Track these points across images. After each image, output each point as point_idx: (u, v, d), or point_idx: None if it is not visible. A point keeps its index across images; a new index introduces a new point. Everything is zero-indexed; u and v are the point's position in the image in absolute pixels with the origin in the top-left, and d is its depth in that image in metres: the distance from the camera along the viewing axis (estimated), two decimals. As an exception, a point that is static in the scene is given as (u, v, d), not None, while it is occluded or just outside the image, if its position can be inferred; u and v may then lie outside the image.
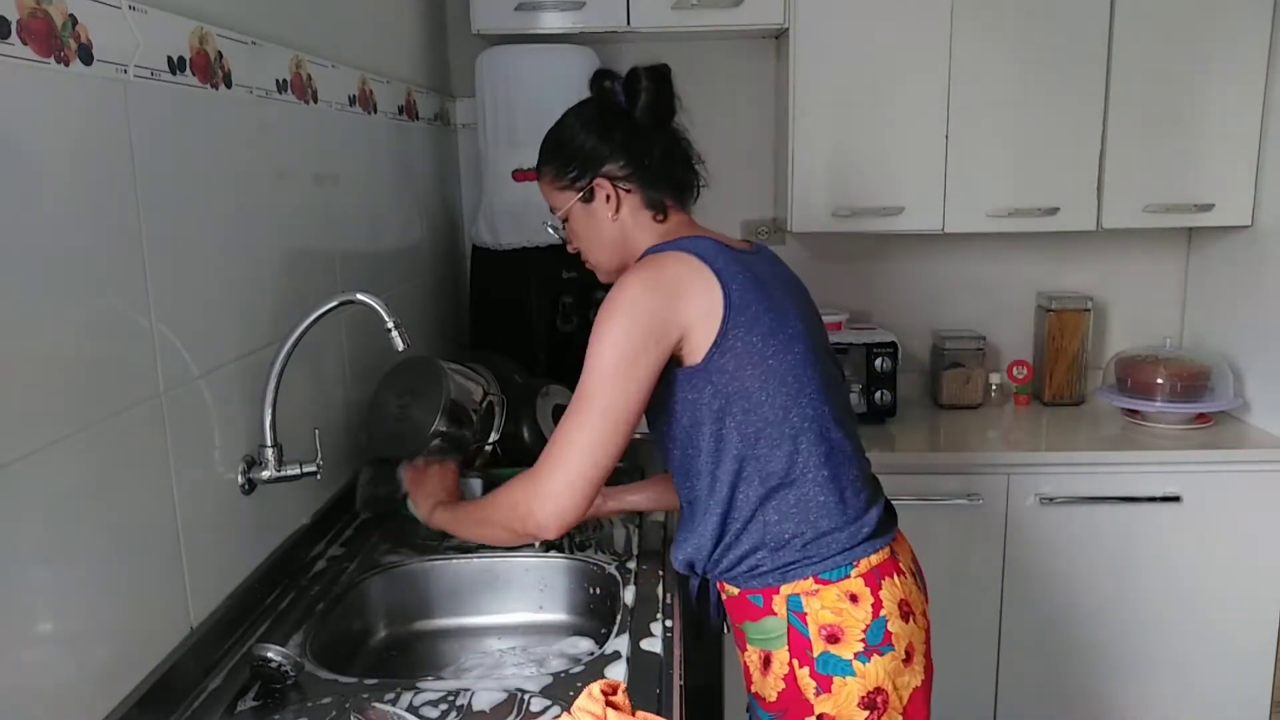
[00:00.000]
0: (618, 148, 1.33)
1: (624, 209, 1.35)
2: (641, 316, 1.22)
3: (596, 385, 1.22)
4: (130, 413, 1.05)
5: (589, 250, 1.40)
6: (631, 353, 1.21)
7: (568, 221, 1.40)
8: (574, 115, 1.39)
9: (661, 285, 1.24)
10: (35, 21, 0.91)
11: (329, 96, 1.64)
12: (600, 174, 1.34)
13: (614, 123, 1.34)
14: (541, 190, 1.42)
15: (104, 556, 1.01)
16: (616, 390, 1.21)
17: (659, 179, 1.35)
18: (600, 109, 1.37)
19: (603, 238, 1.37)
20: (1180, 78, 2.24)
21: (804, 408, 1.25)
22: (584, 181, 1.35)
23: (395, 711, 1.08)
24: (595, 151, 1.34)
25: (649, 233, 1.35)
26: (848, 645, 1.22)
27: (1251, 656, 2.26)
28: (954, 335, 2.56)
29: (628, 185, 1.34)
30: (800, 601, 1.23)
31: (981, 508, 2.20)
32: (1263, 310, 2.28)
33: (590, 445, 1.21)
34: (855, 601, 1.23)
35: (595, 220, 1.36)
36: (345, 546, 1.56)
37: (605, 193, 1.34)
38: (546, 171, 1.39)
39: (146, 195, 1.08)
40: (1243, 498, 2.19)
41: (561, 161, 1.36)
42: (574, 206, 1.37)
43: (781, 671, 1.24)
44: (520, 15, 2.24)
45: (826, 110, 2.28)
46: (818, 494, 1.25)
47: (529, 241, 2.31)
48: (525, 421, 1.70)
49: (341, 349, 1.68)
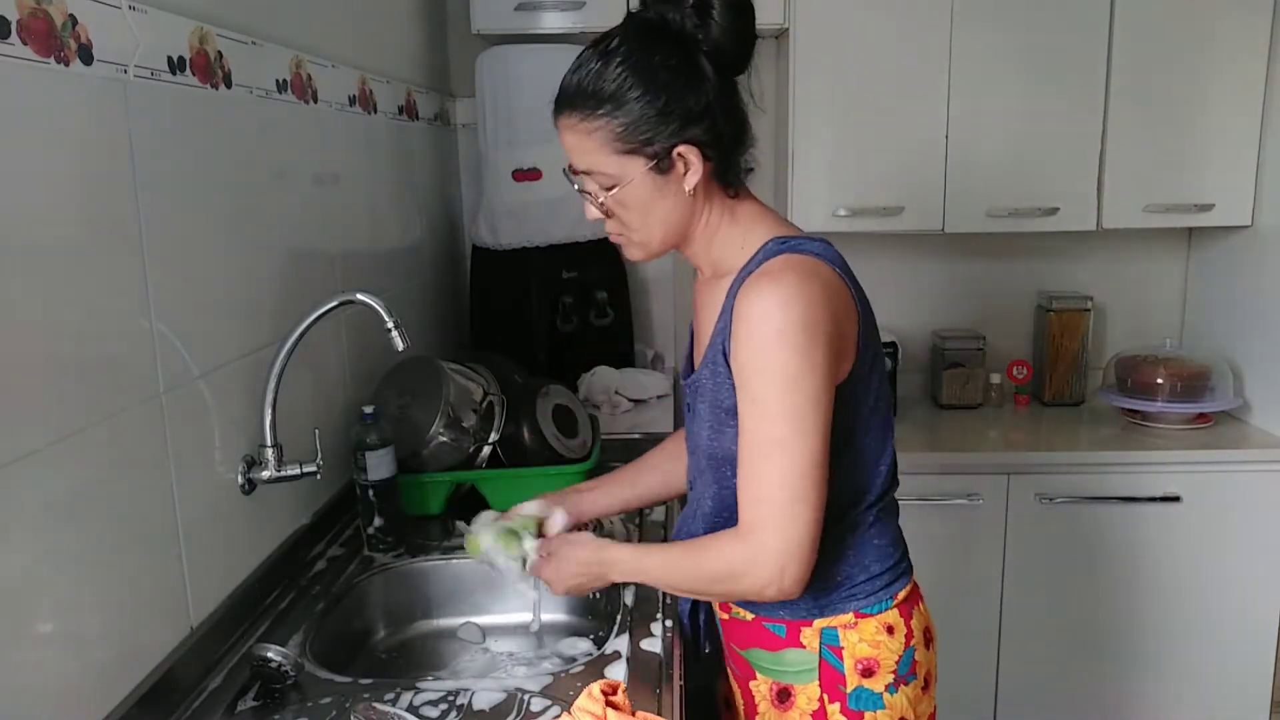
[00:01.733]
0: (705, 102, 1.06)
1: (701, 180, 1.10)
2: (818, 342, 1.02)
3: (790, 430, 1.02)
4: (130, 413, 1.05)
5: (639, 227, 1.12)
6: (818, 388, 1.02)
7: (615, 190, 1.09)
8: (639, 55, 1.05)
9: (824, 296, 1.04)
10: (35, 21, 0.91)
11: (329, 96, 1.64)
12: (685, 138, 1.06)
13: (697, 63, 1.06)
14: (574, 143, 1.09)
15: (104, 556, 1.01)
16: (810, 435, 1.03)
17: (740, 142, 1.12)
18: (673, 46, 1.05)
19: (668, 216, 1.11)
20: (1180, 78, 2.24)
21: (885, 455, 1.17)
22: (661, 145, 1.06)
23: (395, 711, 1.08)
24: (678, 108, 1.05)
25: (719, 211, 1.14)
26: (880, 678, 1.16)
27: (1251, 656, 2.26)
28: (954, 335, 2.56)
29: (711, 152, 1.09)
30: (837, 635, 1.16)
31: (981, 508, 2.20)
32: (1263, 310, 2.28)
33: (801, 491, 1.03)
34: (891, 633, 1.17)
35: (665, 195, 1.09)
36: (345, 546, 1.56)
37: (688, 163, 1.08)
38: (598, 125, 1.06)
39: (146, 195, 1.08)
40: (1243, 498, 2.19)
41: (628, 118, 1.05)
42: (640, 177, 1.07)
43: (809, 708, 1.17)
44: (520, 15, 2.24)
45: (826, 110, 2.28)
46: (874, 538, 1.18)
47: (529, 241, 2.31)
48: (525, 421, 1.70)
49: (341, 349, 1.68)
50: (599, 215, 1.15)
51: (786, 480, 1.03)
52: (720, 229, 1.15)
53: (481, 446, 1.70)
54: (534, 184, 2.28)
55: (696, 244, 1.17)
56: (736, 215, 1.16)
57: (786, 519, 1.03)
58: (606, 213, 1.14)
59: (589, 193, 1.13)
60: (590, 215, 1.16)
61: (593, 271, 2.42)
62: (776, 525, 1.04)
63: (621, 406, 2.30)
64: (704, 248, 1.17)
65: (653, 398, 2.36)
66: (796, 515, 1.03)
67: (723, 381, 1.12)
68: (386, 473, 1.51)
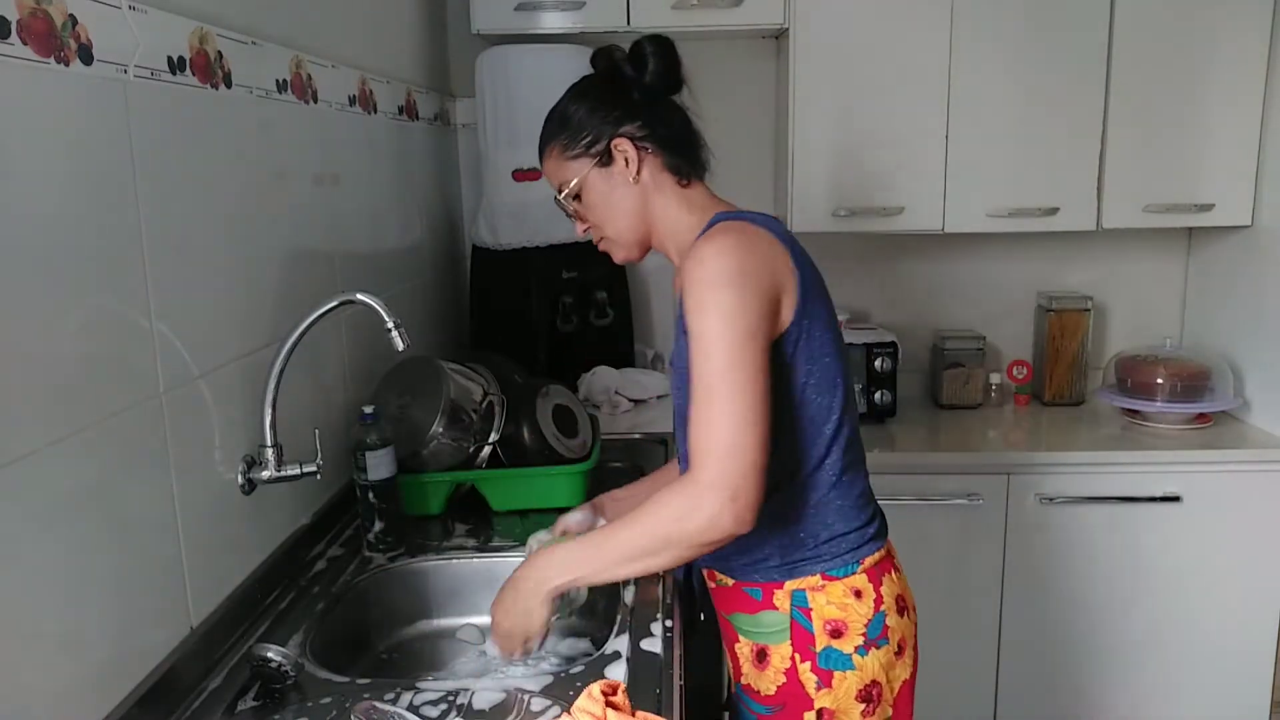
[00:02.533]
0: (635, 108, 1.25)
1: (645, 170, 1.25)
2: (751, 283, 1.11)
3: (726, 363, 1.08)
4: (130, 413, 1.05)
5: (607, 222, 1.29)
6: (752, 325, 1.10)
7: (580, 196, 1.28)
8: (579, 90, 1.30)
9: (758, 247, 1.15)
10: (35, 21, 0.91)
11: (329, 96, 1.64)
12: (619, 133, 1.25)
13: (626, 88, 1.26)
14: (548, 171, 1.31)
15: (104, 557, 1.01)
16: (748, 366, 1.08)
17: (678, 143, 1.27)
18: (608, 79, 1.29)
19: (624, 205, 1.27)
20: (1180, 78, 2.24)
21: (838, 413, 1.23)
22: (601, 144, 1.25)
23: (395, 711, 1.08)
24: (610, 114, 1.25)
25: (673, 199, 1.27)
26: (849, 640, 1.22)
27: (1251, 656, 2.26)
28: (954, 335, 2.56)
29: (647, 144, 1.25)
30: (805, 597, 1.23)
31: (981, 508, 2.20)
32: (1263, 310, 2.28)
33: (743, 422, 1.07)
34: (859, 597, 1.23)
35: (614, 186, 1.26)
36: (345, 546, 1.56)
37: (625, 154, 1.25)
38: (555, 145, 1.28)
39: (146, 195, 1.08)
40: (1243, 498, 2.19)
41: (572, 131, 1.26)
42: (590, 174, 1.26)
43: (782, 666, 1.24)
44: (520, 15, 2.24)
45: (826, 110, 2.28)
46: (835, 498, 1.24)
47: (529, 241, 2.31)
48: (525, 421, 1.70)
49: (341, 349, 1.68)
50: (583, 227, 1.32)
51: (730, 412, 1.08)
52: (678, 218, 1.27)
53: (481, 446, 1.70)
54: (534, 184, 2.28)
55: (660, 232, 1.29)
56: (692, 204, 1.28)
57: (734, 445, 1.07)
58: (581, 218, 1.31)
59: (565, 206, 1.30)
60: (577, 230, 1.33)
61: (593, 271, 2.42)
62: (725, 451, 1.07)
63: (621, 406, 2.30)
64: (668, 236, 1.29)
65: (653, 398, 2.36)
66: (742, 441, 1.07)
67: (683, 346, 1.19)
68: (386, 473, 1.51)
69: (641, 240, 1.30)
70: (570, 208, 1.30)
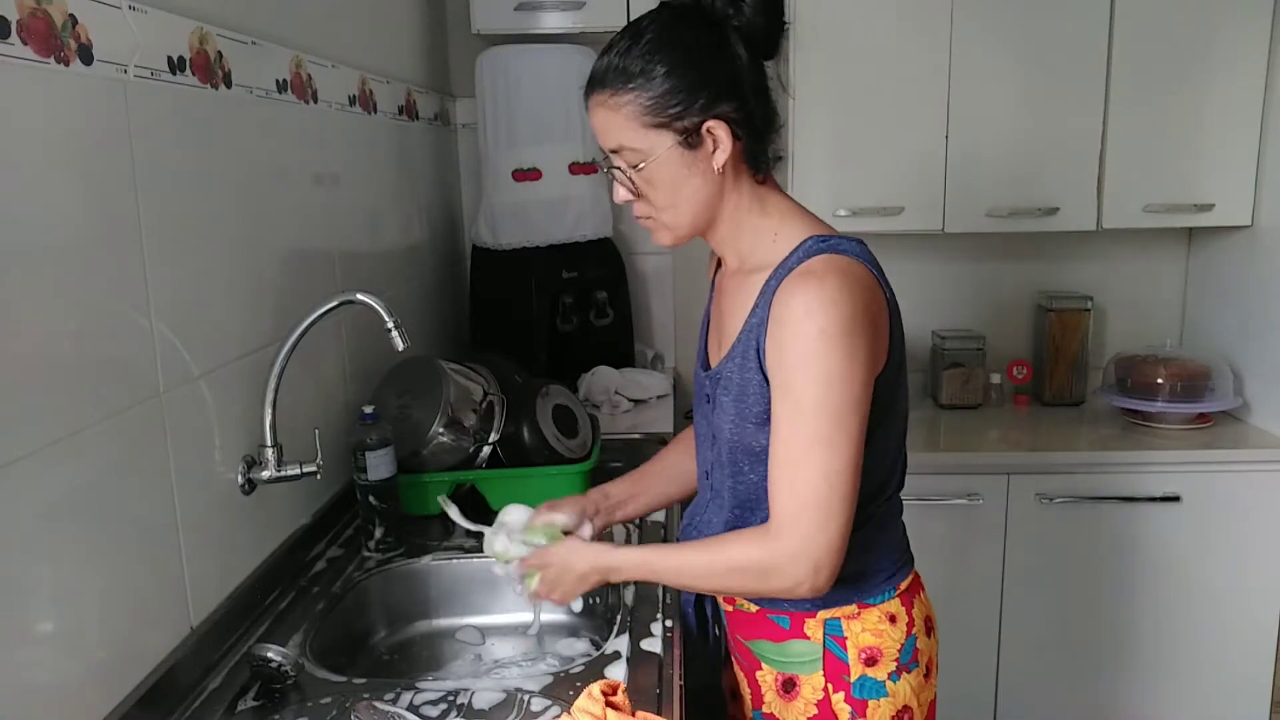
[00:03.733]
0: (737, 79, 1.06)
1: (729, 161, 1.09)
2: (860, 345, 1.02)
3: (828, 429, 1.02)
4: (130, 413, 1.05)
5: (667, 207, 1.11)
6: (856, 392, 1.03)
7: (642, 166, 1.08)
8: (672, 30, 1.06)
9: (864, 301, 1.04)
10: (35, 21, 0.91)
11: (329, 96, 1.64)
12: (715, 113, 1.06)
13: (730, 45, 1.05)
14: (603, 121, 1.09)
15: (104, 556, 1.01)
16: (847, 435, 1.03)
17: (769, 125, 1.11)
18: (707, 27, 1.06)
19: (695, 195, 1.10)
20: (1180, 78, 2.24)
21: (898, 465, 1.19)
22: (691, 120, 1.05)
23: (395, 711, 1.08)
24: (710, 84, 1.05)
25: (748, 196, 1.12)
26: (884, 666, 1.18)
27: (1251, 656, 2.26)
28: (954, 335, 2.56)
29: (742, 130, 1.08)
30: (840, 626, 1.17)
31: (981, 508, 2.20)
32: (1263, 310, 2.28)
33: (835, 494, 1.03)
34: (894, 622, 1.18)
35: (693, 172, 1.08)
36: (345, 547, 1.56)
37: (716, 140, 1.07)
38: (628, 100, 1.06)
39: (146, 195, 1.08)
40: (1243, 498, 2.19)
41: (658, 92, 1.04)
42: (668, 152, 1.06)
43: (814, 697, 1.18)
44: (520, 15, 2.24)
45: (826, 110, 2.28)
46: (880, 534, 1.19)
47: (529, 241, 2.31)
48: (525, 421, 1.70)
49: (341, 349, 1.68)
50: (628, 197, 1.13)
51: (828, 480, 1.03)
52: (749, 217, 1.14)
53: (481, 446, 1.70)
54: (534, 184, 2.28)
55: (723, 230, 1.15)
56: (766, 206, 1.14)
57: (826, 518, 1.03)
58: (636, 192, 1.12)
59: (618, 169, 1.11)
60: (619, 197, 1.14)
61: (593, 271, 2.42)
62: (818, 524, 1.03)
63: (621, 406, 2.30)
64: (731, 235, 1.15)
65: (653, 398, 2.36)
66: (834, 515, 1.04)
67: (751, 377, 1.11)
68: (386, 473, 1.51)
69: (698, 232, 1.15)
70: (625, 177, 1.11)
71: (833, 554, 1.05)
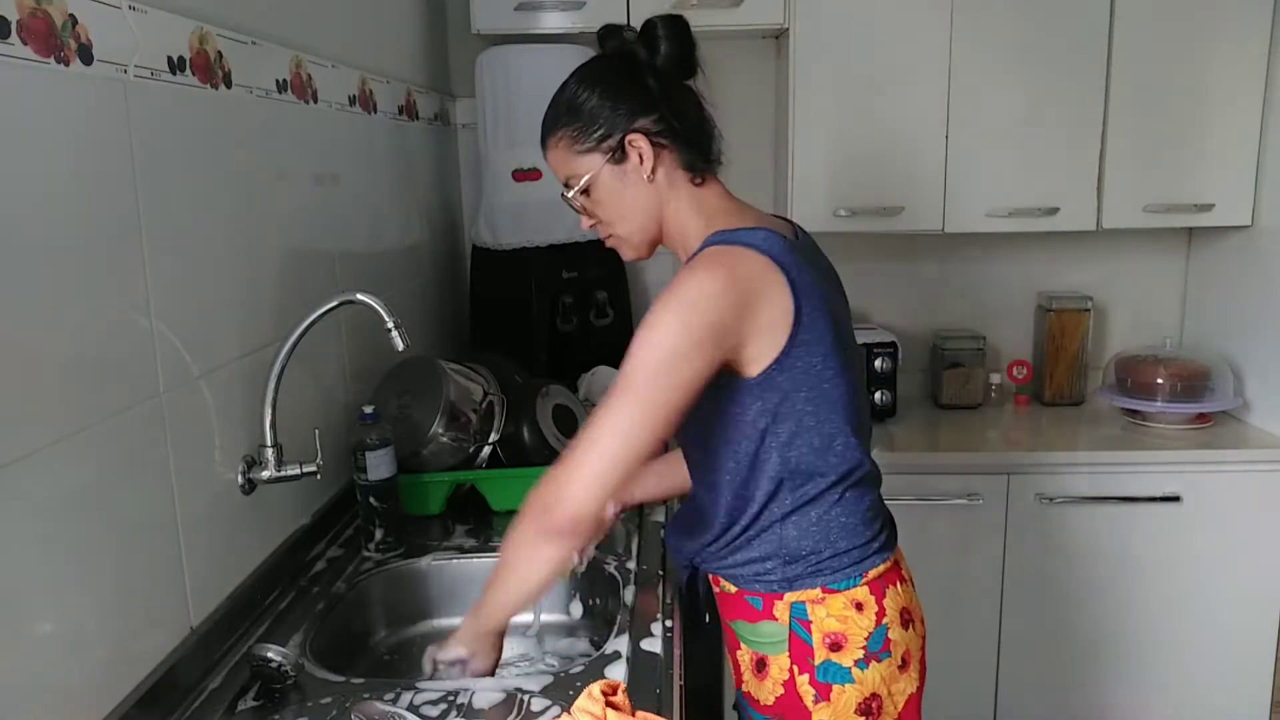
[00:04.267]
0: (650, 99, 1.18)
1: (660, 169, 1.20)
2: (707, 313, 1.09)
3: (640, 377, 1.08)
4: (130, 413, 1.05)
5: (616, 221, 1.24)
6: (684, 348, 1.08)
7: (589, 191, 1.22)
8: (589, 73, 1.22)
9: (735, 285, 1.11)
10: (35, 21, 0.91)
11: (329, 96, 1.64)
12: (634, 129, 1.18)
13: (640, 74, 1.19)
14: (552, 161, 1.24)
15: (104, 556, 1.01)
16: (658, 386, 1.08)
17: (694, 137, 1.21)
18: (620, 62, 1.21)
19: (635, 204, 1.21)
20: (1180, 77, 2.24)
21: (847, 435, 1.20)
22: (614, 139, 1.18)
23: (395, 711, 1.08)
24: (625, 105, 1.18)
25: (685, 199, 1.22)
26: (849, 653, 1.20)
27: (1251, 656, 2.26)
28: (954, 335, 2.56)
29: (664, 140, 1.19)
30: (805, 609, 1.20)
31: (981, 508, 2.20)
32: (1263, 310, 2.28)
33: (620, 443, 1.08)
34: (860, 610, 1.20)
35: (626, 184, 1.20)
36: (345, 547, 1.56)
37: (639, 150, 1.18)
38: (562, 135, 1.21)
39: (146, 195, 1.08)
40: (1243, 498, 2.19)
41: (584, 121, 1.19)
42: (601, 171, 1.19)
43: (780, 677, 1.22)
44: (520, 15, 2.24)
45: (826, 110, 2.28)
46: (840, 515, 1.21)
47: (529, 241, 2.31)
48: (525, 421, 1.70)
49: (341, 349, 1.68)
50: (588, 221, 1.26)
51: (604, 427, 1.08)
52: (690, 218, 1.22)
53: (482, 446, 1.71)
54: (534, 184, 2.28)
55: (671, 233, 1.25)
56: (702, 205, 1.23)
57: (577, 464, 1.08)
58: (589, 214, 1.25)
59: (571, 201, 1.24)
60: (583, 225, 1.28)
61: (593, 271, 2.42)
62: (567, 466, 1.09)
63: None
64: (678, 235, 1.24)
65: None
66: (585, 463, 1.08)
67: None
68: (386, 473, 1.51)
69: (652, 240, 1.25)
70: (578, 203, 1.24)
71: (567, 501, 1.08)
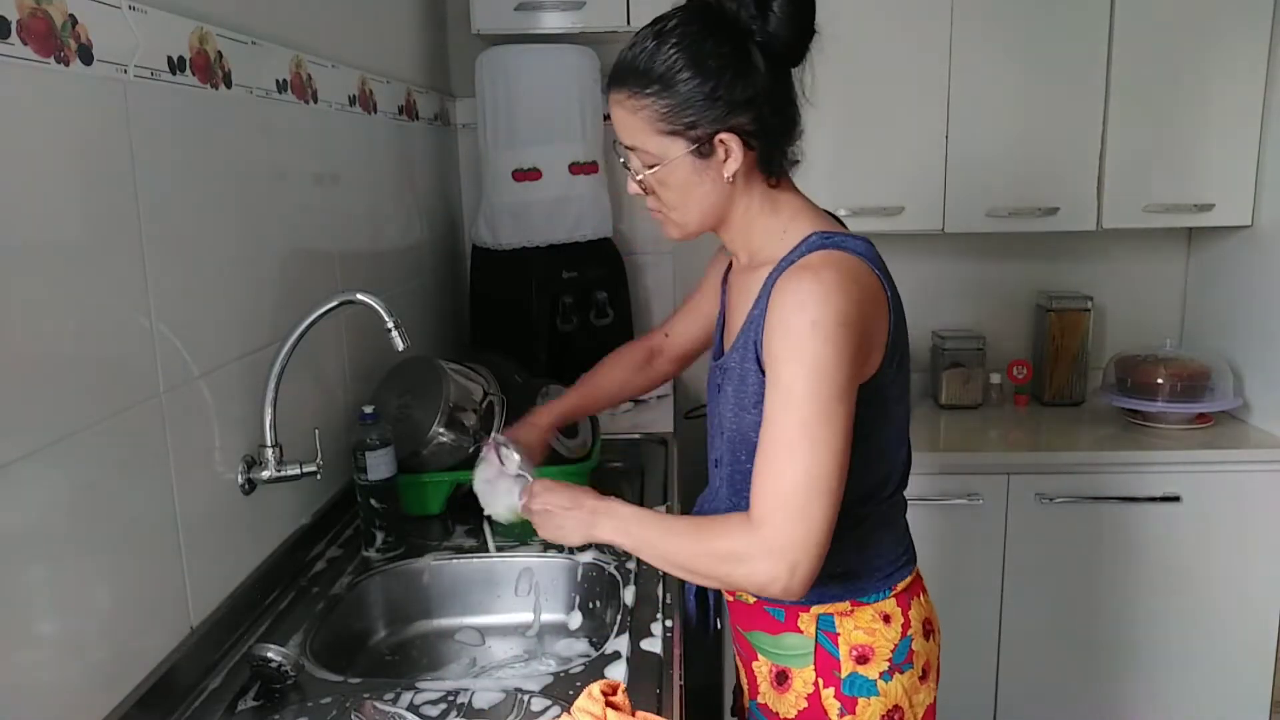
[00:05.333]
0: (755, 95, 1.07)
1: (741, 168, 1.10)
2: (850, 338, 1.01)
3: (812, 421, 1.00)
4: (130, 413, 1.05)
5: (677, 207, 1.14)
6: (843, 385, 1.01)
7: (655, 168, 1.11)
8: (694, 40, 1.06)
9: (860, 296, 1.04)
10: (35, 21, 0.91)
11: (329, 96, 1.64)
12: (729, 126, 1.07)
13: (750, 54, 1.06)
14: (622, 120, 1.11)
15: (104, 556, 1.01)
16: (833, 427, 1.01)
17: (786, 134, 1.13)
18: (729, 35, 1.07)
19: (705, 200, 1.12)
20: (1180, 78, 2.24)
21: (897, 462, 1.19)
22: (704, 130, 1.07)
23: (395, 711, 1.08)
24: (726, 97, 1.06)
25: (759, 199, 1.14)
26: (875, 665, 1.18)
27: (1251, 656, 2.26)
28: (954, 335, 2.56)
29: (755, 142, 1.09)
30: (833, 622, 1.18)
31: (981, 508, 2.20)
32: (1263, 310, 2.28)
33: (817, 487, 1.00)
34: (888, 622, 1.19)
35: (703, 179, 1.10)
36: (345, 547, 1.56)
37: (729, 152, 1.09)
38: (646, 106, 1.08)
39: (146, 195, 1.08)
40: (1243, 498, 2.19)
41: (676, 101, 1.06)
42: (680, 159, 1.09)
43: (804, 690, 1.20)
44: (520, 15, 2.24)
45: (826, 110, 2.27)
46: (877, 535, 1.19)
47: (529, 241, 2.31)
48: (525, 421, 1.70)
49: (341, 349, 1.68)
50: (639, 191, 1.16)
51: (808, 474, 1.00)
52: (760, 218, 1.16)
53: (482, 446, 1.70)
54: (534, 184, 2.28)
55: (734, 229, 1.17)
56: (778, 205, 1.16)
57: (802, 514, 1.00)
58: (646, 189, 1.15)
59: (631, 168, 1.14)
60: (630, 189, 1.17)
61: (593, 271, 2.42)
62: (793, 520, 1.00)
63: (622, 406, 2.30)
64: (742, 234, 1.18)
65: (653, 398, 2.36)
66: (813, 511, 1.00)
67: (750, 368, 1.12)
68: (386, 473, 1.51)
69: (708, 229, 1.17)
70: (639, 176, 1.14)
71: (810, 553, 1.00)
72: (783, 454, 1.01)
